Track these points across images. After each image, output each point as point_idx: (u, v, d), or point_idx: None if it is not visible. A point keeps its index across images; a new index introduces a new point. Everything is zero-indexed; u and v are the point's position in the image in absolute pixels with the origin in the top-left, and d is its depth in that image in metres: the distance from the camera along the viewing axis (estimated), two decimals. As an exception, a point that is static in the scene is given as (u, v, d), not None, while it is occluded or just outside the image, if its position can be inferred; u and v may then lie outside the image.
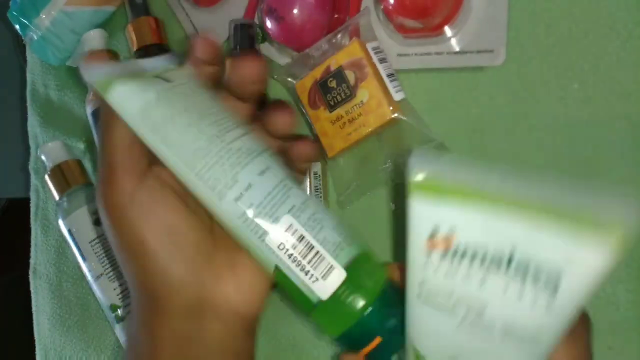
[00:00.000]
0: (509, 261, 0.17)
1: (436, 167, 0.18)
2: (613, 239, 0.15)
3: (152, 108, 0.23)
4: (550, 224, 0.16)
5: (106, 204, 0.23)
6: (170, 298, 0.22)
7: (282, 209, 0.24)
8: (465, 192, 0.17)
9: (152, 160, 0.24)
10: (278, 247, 0.24)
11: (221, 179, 0.23)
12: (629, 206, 0.15)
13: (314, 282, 0.24)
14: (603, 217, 0.15)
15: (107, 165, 0.23)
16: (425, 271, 0.19)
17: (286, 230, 0.23)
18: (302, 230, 0.23)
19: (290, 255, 0.24)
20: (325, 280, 0.24)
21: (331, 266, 0.24)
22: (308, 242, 0.24)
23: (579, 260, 0.16)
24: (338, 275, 0.24)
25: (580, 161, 0.33)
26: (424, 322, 0.20)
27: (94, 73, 0.23)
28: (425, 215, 0.18)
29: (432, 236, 0.18)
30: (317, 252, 0.24)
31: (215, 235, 0.24)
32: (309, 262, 0.24)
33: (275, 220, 0.23)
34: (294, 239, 0.23)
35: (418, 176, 0.18)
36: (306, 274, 0.24)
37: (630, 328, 0.31)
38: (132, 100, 0.23)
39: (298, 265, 0.24)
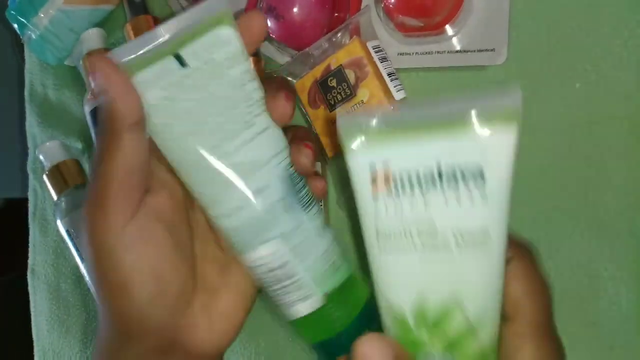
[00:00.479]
0: (440, 176, 0.19)
1: (359, 119, 0.20)
2: (509, 123, 0.18)
3: (155, 111, 0.22)
4: (459, 130, 0.19)
5: (92, 236, 0.22)
6: (143, 338, 0.22)
7: (269, 234, 0.23)
8: (388, 131, 0.20)
9: (147, 187, 0.23)
10: (257, 267, 0.24)
11: (213, 197, 0.23)
12: (509, 96, 0.18)
13: (289, 305, 0.24)
14: (492, 110, 0.18)
15: (100, 194, 0.21)
16: (377, 219, 0.20)
17: (268, 255, 0.23)
18: (287, 257, 0.23)
19: (266, 278, 0.24)
20: (294, 306, 0.24)
21: (309, 294, 0.24)
22: (290, 269, 0.24)
23: (490, 148, 0.19)
24: (316, 302, 0.24)
25: (581, 161, 0.33)
26: (390, 273, 0.21)
27: (122, 52, 0.22)
28: (361, 161, 0.20)
29: (373, 180, 0.20)
30: (298, 279, 0.24)
31: (197, 276, 0.24)
32: (285, 287, 0.24)
33: (261, 243, 0.23)
34: (277, 263, 0.23)
35: (348, 130, 0.20)
36: (284, 296, 0.24)
37: (632, 328, 0.31)
38: (145, 94, 0.22)
39: (273, 287, 0.24)
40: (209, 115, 0.23)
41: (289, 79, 0.36)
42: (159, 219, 0.23)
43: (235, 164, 0.23)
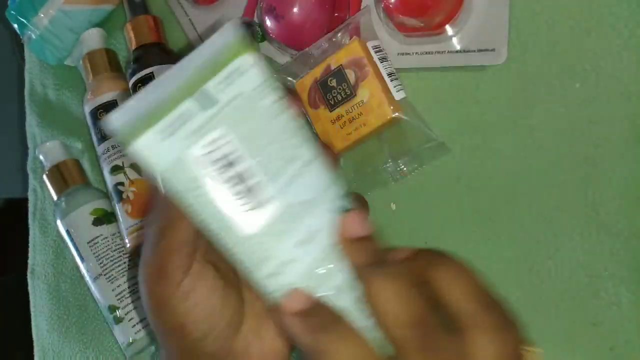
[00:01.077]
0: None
1: (130, 111, 0.19)
2: (242, 53, 0.20)
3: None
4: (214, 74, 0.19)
5: (151, 293, 0.24)
6: None
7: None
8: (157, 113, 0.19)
9: (197, 245, 0.24)
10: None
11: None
12: (228, 30, 0.19)
13: None
14: (225, 47, 0.19)
15: (158, 265, 0.23)
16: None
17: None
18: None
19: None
20: None
21: None
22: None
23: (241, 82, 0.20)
24: None
25: (581, 161, 0.33)
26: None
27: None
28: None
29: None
30: None
31: (245, 301, 0.26)
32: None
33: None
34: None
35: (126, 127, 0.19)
36: None
37: (632, 329, 0.31)
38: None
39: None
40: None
41: (289, 79, 0.36)
42: (209, 261, 0.24)
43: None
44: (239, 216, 0.20)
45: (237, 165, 0.20)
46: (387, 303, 0.19)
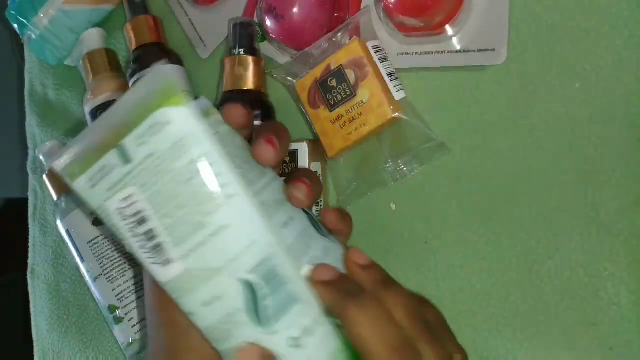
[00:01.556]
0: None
1: (69, 156, 0.21)
2: (163, 105, 0.19)
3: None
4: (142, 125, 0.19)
5: (156, 298, 0.24)
6: None
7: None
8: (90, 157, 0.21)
9: None
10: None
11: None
12: (156, 75, 0.19)
13: None
14: (155, 94, 0.19)
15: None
16: None
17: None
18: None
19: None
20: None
21: None
22: None
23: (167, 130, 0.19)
24: None
25: (580, 161, 0.33)
26: None
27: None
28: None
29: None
30: None
31: None
32: None
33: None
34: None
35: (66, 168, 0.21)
36: None
37: (632, 329, 0.31)
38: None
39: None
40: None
41: (289, 78, 0.36)
42: None
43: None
44: (150, 267, 0.21)
45: (145, 224, 0.21)
46: (370, 328, 0.20)
